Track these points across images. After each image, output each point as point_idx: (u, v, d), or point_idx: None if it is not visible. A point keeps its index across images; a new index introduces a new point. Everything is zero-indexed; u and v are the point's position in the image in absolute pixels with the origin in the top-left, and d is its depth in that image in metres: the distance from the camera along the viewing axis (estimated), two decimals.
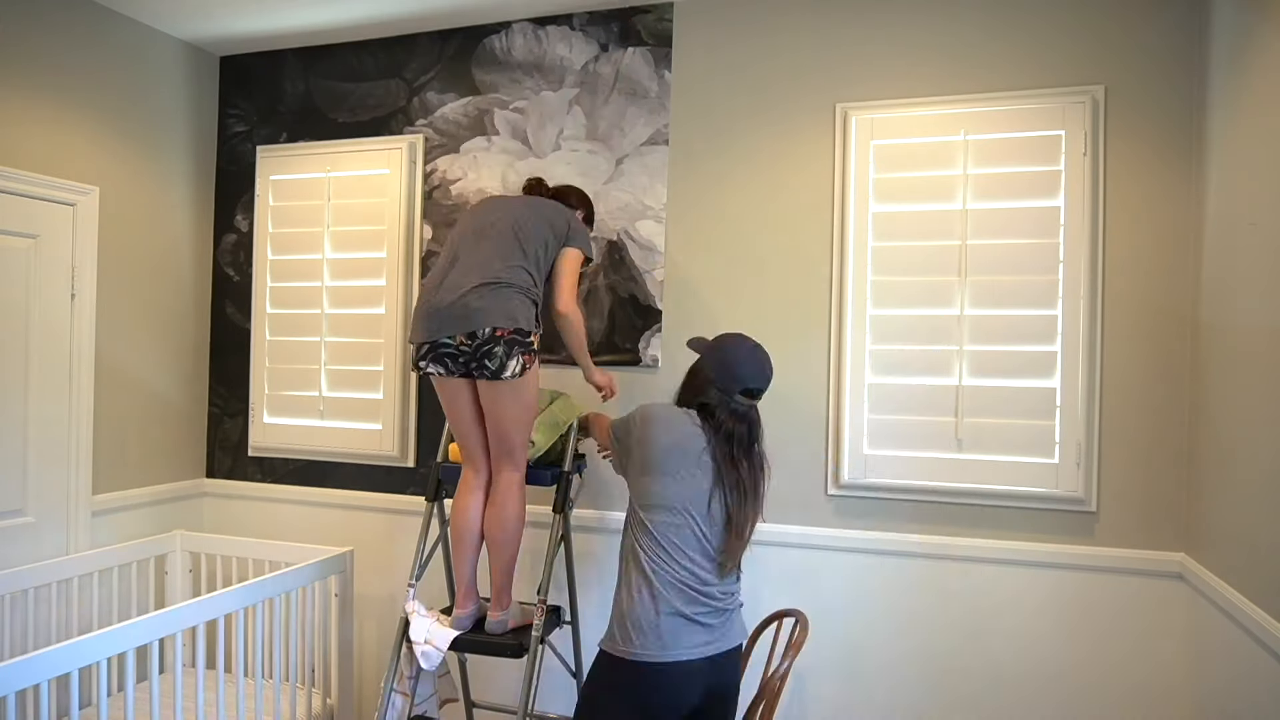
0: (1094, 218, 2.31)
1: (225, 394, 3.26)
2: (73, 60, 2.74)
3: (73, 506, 2.74)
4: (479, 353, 2.10)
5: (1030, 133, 2.36)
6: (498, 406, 2.17)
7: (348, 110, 3.10)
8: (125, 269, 2.94)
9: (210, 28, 3.02)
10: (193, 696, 2.70)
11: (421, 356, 2.17)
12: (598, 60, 2.78)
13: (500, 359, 2.09)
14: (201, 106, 3.23)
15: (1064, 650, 2.33)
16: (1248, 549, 1.83)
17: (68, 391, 2.73)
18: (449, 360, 2.14)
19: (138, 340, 3.00)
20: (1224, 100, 2.04)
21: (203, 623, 2.27)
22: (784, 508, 2.56)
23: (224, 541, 3.01)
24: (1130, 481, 2.29)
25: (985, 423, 2.38)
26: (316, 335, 3.08)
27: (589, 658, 2.72)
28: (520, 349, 2.11)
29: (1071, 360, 2.31)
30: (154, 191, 3.05)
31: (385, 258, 2.98)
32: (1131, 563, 2.28)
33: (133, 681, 2.10)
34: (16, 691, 1.80)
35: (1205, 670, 2.09)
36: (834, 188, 2.54)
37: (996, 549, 2.38)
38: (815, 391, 2.55)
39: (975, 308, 2.39)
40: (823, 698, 2.53)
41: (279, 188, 3.16)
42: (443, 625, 2.29)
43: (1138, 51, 2.29)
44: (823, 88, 2.56)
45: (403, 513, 2.98)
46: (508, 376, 2.10)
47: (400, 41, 3.03)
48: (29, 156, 2.61)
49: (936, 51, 2.46)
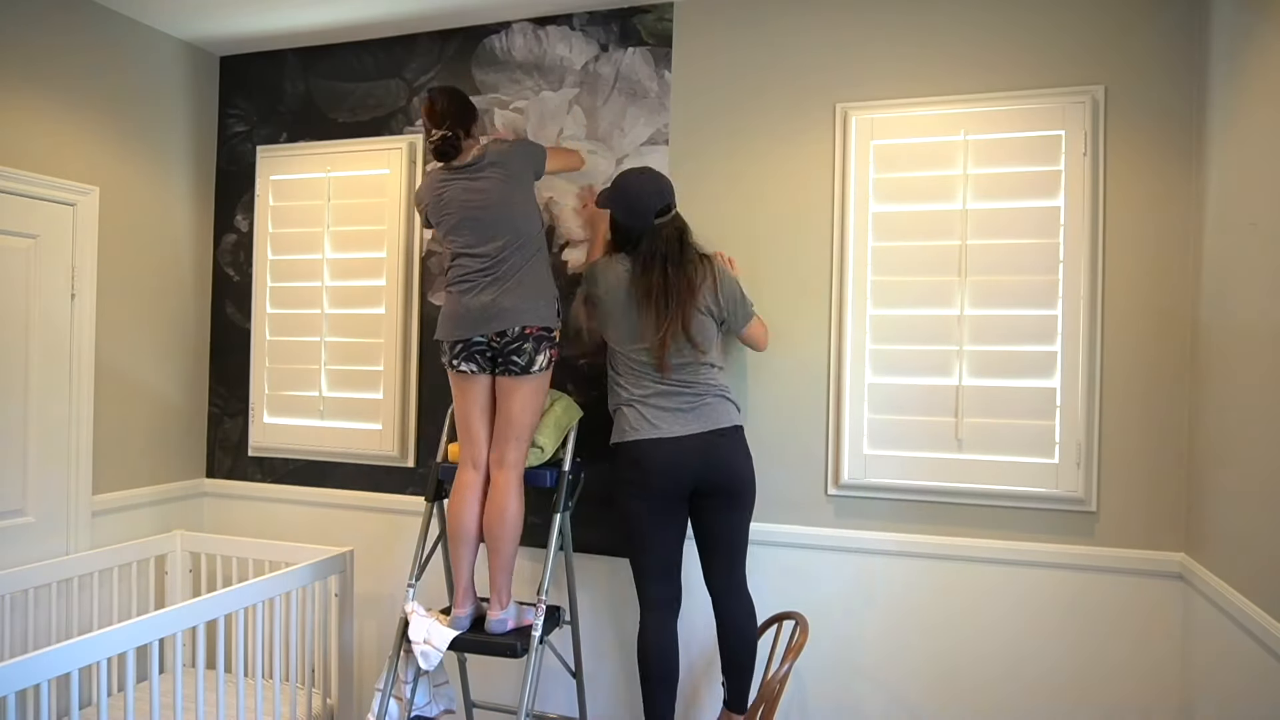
0: (1094, 218, 2.31)
1: (225, 394, 3.26)
2: (73, 60, 2.74)
3: (73, 506, 2.74)
4: (507, 350, 2.26)
5: (1030, 133, 2.36)
6: (516, 396, 2.30)
7: (348, 110, 3.10)
8: (125, 269, 2.94)
9: (210, 28, 3.02)
10: (193, 697, 2.70)
11: (455, 355, 2.30)
12: (598, 60, 2.78)
13: (529, 354, 2.26)
14: (201, 106, 3.24)
15: (1064, 650, 2.33)
16: (1248, 549, 1.83)
17: (68, 391, 2.73)
18: (479, 357, 2.29)
19: (138, 340, 3.00)
20: (1224, 100, 2.04)
21: (203, 623, 2.27)
22: (784, 507, 2.57)
23: (224, 541, 3.01)
24: (1130, 482, 2.29)
25: (985, 423, 2.38)
26: (316, 335, 3.08)
27: (589, 657, 2.73)
28: (547, 344, 2.30)
29: (1071, 360, 2.31)
30: (154, 191, 3.05)
31: (385, 258, 2.98)
32: (1131, 563, 2.28)
33: (133, 681, 2.10)
34: (16, 691, 1.80)
35: (1205, 670, 2.09)
36: (834, 188, 2.54)
37: (996, 549, 2.38)
38: (815, 391, 2.55)
39: (975, 308, 2.39)
40: (823, 697, 2.53)
41: (279, 188, 3.16)
42: (442, 625, 2.29)
43: (1138, 51, 2.29)
44: (823, 88, 2.56)
45: (402, 513, 2.98)
46: (535, 371, 2.28)
47: (400, 41, 3.03)
48: (29, 156, 2.61)
49: (936, 51, 2.46)
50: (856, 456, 2.49)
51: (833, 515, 2.53)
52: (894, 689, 2.47)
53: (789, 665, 2.03)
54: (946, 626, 2.43)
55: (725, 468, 2.24)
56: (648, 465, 2.22)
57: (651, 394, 2.26)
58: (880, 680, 2.48)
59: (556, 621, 2.45)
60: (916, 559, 2.45)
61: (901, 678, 2.47)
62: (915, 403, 2.44)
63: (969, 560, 2.40)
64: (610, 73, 2.77)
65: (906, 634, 2.46)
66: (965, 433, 2.39)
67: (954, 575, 2.42)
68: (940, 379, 2.42)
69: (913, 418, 2.44)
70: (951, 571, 2.42)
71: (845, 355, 2.50)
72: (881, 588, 2.48)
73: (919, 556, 2.44)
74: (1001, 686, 2.38)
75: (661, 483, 2.22)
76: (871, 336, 2.49)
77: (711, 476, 2.23)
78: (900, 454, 2.45)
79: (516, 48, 2.88)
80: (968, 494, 2.39)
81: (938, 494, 2.42)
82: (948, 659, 2.43)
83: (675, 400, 2.24)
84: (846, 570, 2.51)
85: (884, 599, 2.48)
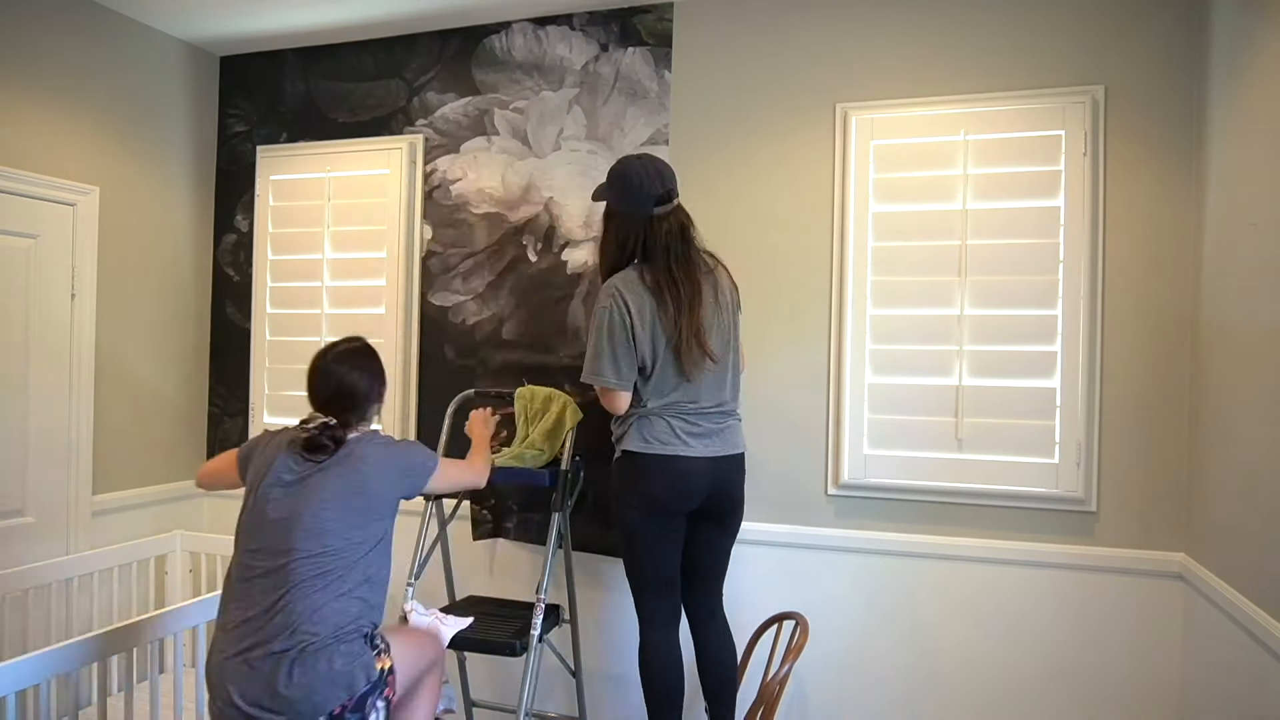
0: (1094, 218, 2.31)
1: (225, 394, 3.26)
2: (73, 60, 2.74)
3: (73, 506, 2.74)
4: None
5: (1030, 133, 2.36)
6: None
7: (348, 110, 3.10)
8: (125, 269, 2.94)
9: (210, 28, 3.02)
10: (193, 697, 2.70)
11: None
12: (598, 60, 2.78)
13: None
14: (201, 106, 3.24)
15: (1063, 650, 2.33)
16: (1248, 549, 1.83)
17: (68, 391, 2.73)
18: None
19: (138, 340, 3.00)
20: (1224, 100, 2.04)
21: (203, 623, 2.27)
22: (784, 508, 2.56)
23: (224, 541, 3.00)
24: (1130, 481, 2.29)
25: (985, 423, 2.38)
26: (316, 335, 3.08)
27: (588, 657, 2.73)
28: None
29: (1071, 360, 2.31)
30: (154, 191, 3.05)
31: (385, 258, 2.98)
32: (1131, 563, 2.27)
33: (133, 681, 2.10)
34: (16, 691, 1.80)
35: (1205, 670, 2.09)
36: (834, 188, 2.54)
37: (997, 549, 2.38)
38: (815, 391, 2.54)
39: (975, 308, 2.39)
40: (823, 697, 2.53)
41: (279, 188, 3.16)
42: (442, 624, 2.29)
43: (1138, 51, 2.29)
44: (823, 87, 2.56)
45: (401, 512, 2.96)
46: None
47: (400, 41, 3.03)
48: (29, 156, 2.61)
49: (936, 51, 2.46)
50: (856, 456, 2.49)
51: (833, 515, 2.53)
52: (894, 689, 2.47)
53: (789, 666, 2.03)
54: (946, 626, 2.43)
55: (733, 492, 2.17)
56: (670, 482, 2.08)
57: (676, 417, 2.09)
58: (880, 680, 2.48)
59: (556, 620, 2.45)
60: (916, 559, 2.45)
61: (901, 677, 2.47)
62: (915, 403, 2.44)
63: (969, 560, 2.40)
64: (610, 73, 2.77)
65: (907, 634, 2.46)
66: (965, 433, 2.39)
67: (954, 575, 2.42)
68: (940, 379, 2.42)
69: (913, 417, 2.44)
70: (951, 571, 2.42)
71: (845, 355, 2.50)
72: (881, 588, 2.48)
73: (919, 556, 2.44)
74: (1001, 686, 2.38)
75: (681, 504, 2.10)
76: (871, 336, 2.49)
77: (719, 499, 2.14)
78: (900, 454, 2.45)
79: (516, 48, 2.88)
80: (968, 494, 2.39)
81: (938, 494, 2.42)
82: (948, 659, 2.43)
83: (694, 421, 2.10)
84: (847, 570, 2.51)
85: (884, 599, 2.48)
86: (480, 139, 2.91)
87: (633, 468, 2.10)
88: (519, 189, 2.86)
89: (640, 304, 2.05)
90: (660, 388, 2.09)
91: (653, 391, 2.10)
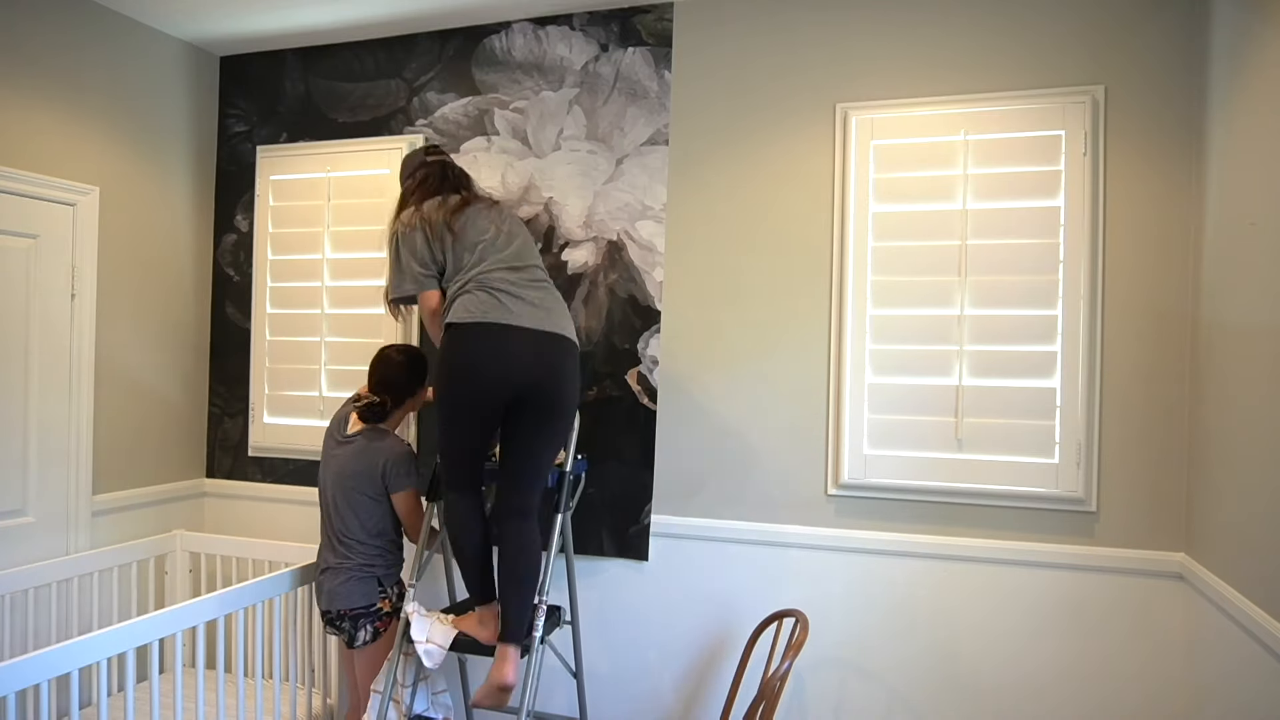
0: (1094, 218, 2.31)
1: (225, 394, 3.26)
2: (73, 60, 2.74)
3: (73, 506, 2.74)
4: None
5: (1030, 133, 2.36)
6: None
7: (348, 110, 3.10)
8: (125, 269, 2.94)
9: (210, 28, 3.02)
10: (193, 696, 2.70)
11: None
12: (598, 60, 2.78)
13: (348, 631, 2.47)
14: (201, 106, 3.24)
15: (1064, 650, 2.33)
16: (1248, 549, 1.83)
17: (68, 391, 2.73)
18: None
19: (138, 340, 3.00)
20: (1224, 100, 2.04)
21: (203, 623, 2.27)
22: (784, 507, 2.57)
23: (224, 541, 3.01)
24: (1130, 481, 2.29)
25: (985, 423, 2.38)
26: (316, 335, 3.09)
27: (589, 657, 2.73)
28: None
29: (1071, 360, 2.31)
30: (154, 191, 3.05)
31: (385, 258, 2.98)
32: (1131, 563, 2.28)
33: (133, 681, 2.10)
34: (16, 691, 1.80)
35: (1205, 670, 2.09)
36: (834, 188, 2.54)
37: (996, 549, 2.38)
38: (815, 391, 2.55)
39: (975, 308, 2.40)
40: (823, 697, 2.53)
41: (279, 188, 3.16)
42: (443, 625, 2.29)
43: (1138, 51, 2.29)
44: (823, 88, 2.56)
45: None
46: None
47: (400, 41, 3.03)
48: (29, 156, 2.61)
49: (936, 51, 2.46)
50: (857, 456, 2.49)
51: (833, 515, 2.53)
52: (894, 688, 2.47)
53: (789, 663, 2.02)
54: (946, 626, 2.43)
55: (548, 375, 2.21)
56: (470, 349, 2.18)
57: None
58: (880, 679, 2.48)
59: (557, 621, 2.45)
60: (916, 559, 2.45)
61: (901, 677, 2.47)
62: (915, 403, 2.44)
63: (969, 560, 2.40)
64: (610, 73, 2.77)
65: (906, 633, 2.46)
66: (965, 432, 2.39)
67: (954, 575, 2.42)
68: (940, 379, 2.42)
69: (913, 418, 2.44)
70: (951, 571, 2.42)
71: (845, 355, 2.50)
72: (881, 587, 2.48)
73: (919, 556, 2.44)
74: (1001, 686, 2.38)
75: (483, 374, 2.17)
76: (871, 336, 2.49)
77: (531, 386, 2.19)
78: (900, 454, 2.45)
79: (516, 48, 2.88)
80: (967, 494, 2.39)
81: (938, 494, 2.42)
82: (948, 658, 2.43)
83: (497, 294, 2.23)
84: (847, 570, 2.51)
85: (884, 599, 2.48)
86: (480, 139, 2.91)
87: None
88: (519, 189, 2.86)
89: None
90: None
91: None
